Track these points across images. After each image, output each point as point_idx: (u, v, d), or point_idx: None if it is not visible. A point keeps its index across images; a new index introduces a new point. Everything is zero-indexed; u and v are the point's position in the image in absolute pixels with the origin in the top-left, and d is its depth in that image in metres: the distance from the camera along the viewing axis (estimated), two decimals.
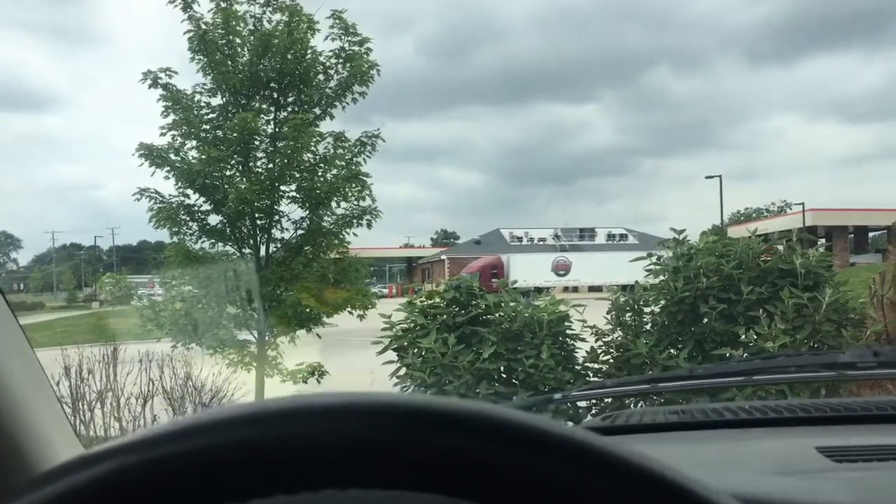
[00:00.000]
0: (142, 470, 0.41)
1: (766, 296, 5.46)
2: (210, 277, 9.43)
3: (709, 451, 1.26)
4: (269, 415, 0.41)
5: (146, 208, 9.40)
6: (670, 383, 1.79)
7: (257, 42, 9.40)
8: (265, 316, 9.24)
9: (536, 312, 5.79)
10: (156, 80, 9.34)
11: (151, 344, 8.23)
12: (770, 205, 77.72)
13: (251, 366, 9.07)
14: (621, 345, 5.81)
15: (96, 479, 0.41)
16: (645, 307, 6.01)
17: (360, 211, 9.79)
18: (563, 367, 5.65)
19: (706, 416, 1.52)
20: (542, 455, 0.40)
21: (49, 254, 69.96)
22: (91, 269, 62.40)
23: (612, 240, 57.66)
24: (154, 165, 9.19)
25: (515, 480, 0.39)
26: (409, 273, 63.42)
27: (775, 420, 1.44)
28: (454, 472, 0.40)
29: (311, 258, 9.93)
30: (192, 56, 9.47)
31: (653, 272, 6.08)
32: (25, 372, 0.95)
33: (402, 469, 0.40)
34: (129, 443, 0.42)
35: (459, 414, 0.41)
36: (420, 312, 6.01)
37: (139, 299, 9.84)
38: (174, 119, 9.34)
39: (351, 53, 9.69)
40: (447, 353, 5.54)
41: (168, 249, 9.92)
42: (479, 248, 52.58)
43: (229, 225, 9.64)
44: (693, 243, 6.15)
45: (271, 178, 9.46)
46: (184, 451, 0.41)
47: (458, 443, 0.40)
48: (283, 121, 9.63)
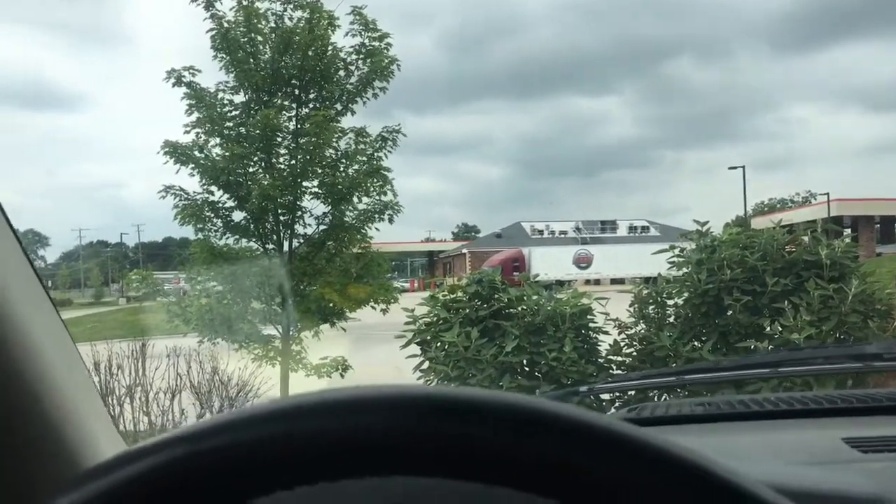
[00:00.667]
0: (193, 461, 0.42)
1: (791, 287, 5.42)
2: (234, 273, 9.51)
3: (736, 443, 1.27)
4: (333, 405, 0.43)
5: (171, 205, 9.50)
6: (696, 375, 1.80)
7: (279, 39, 9.45)
8: (289, 311, 9.30)
9: (559, 306, 5.79)
10: (179, 79, 9.43)
11: (178, 339, 8.32)
12: (794, 195, 76.99)
13: (276, 360, 9.14)
14: (644, 337, 5.80)
15: (155, 467, 0.42)
16: (668, 300, 5.99)
17: (382, 206, 9.83)
18: (586, 360, 5.66)
19: (732, 408, 1.53)
20: (601, 451, 0.41)
21: (76, 251, 70.74)
22: (117, 266, 63.05)
23: (634, 232, 57.25)
24: (179, 163, 9.28)
25: (588, 481, 0.41)
26: (430, 267, 63.42)
27: (802, 411, 1.45)
28: (497, 463, 0.41)
29: (334, 253, 9.98)
30: (215, 54, 9.54)
31: (676, 264, 6.06)
32: (69, 368, 0.97)
33: (448, 460, 0.42)
34: (182, 434, 0.44)
35: (502, 405, 0.42)
36: (443, 306, 6.04)
37: (165, 295, 9.95)
38: (198, 117, 9.43)
39: (371, 49, 9.71)
40: (470, 347, 5.57)
41: (193, 246, 10.02)
42: (501, 242, 52.43)
43: (253, 221, 9.71)
44: (716, 235, 6.12)
45: (294, 174, 9.53)
46: (233, 443, 0.42)
47: (502, 435, 0.41)
48: (304, 117, 9.68)
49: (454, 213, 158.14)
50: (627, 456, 0.41)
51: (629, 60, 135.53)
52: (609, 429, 0.41)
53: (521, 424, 0.41)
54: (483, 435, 0.41)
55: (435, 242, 68.88)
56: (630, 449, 0.41)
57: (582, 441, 0.41)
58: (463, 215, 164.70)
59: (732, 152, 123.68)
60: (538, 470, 0.41)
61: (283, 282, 9.22)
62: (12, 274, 0.85)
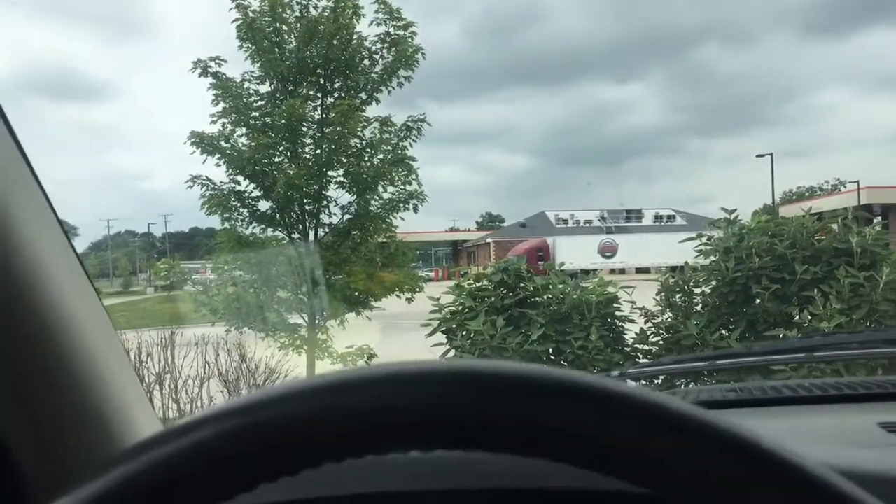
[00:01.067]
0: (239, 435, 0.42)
1: (821, 275, 5.36)
2: (261, 262, 9.59)
3: (770, 427, 1.26)
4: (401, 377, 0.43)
5: (198, 195, 9.58)
6: (728, 360, 1.78)
7: (304, 29, 9.47)
8: (315, 300, 9.36)
9: (585, 294, 5.77)
10: (205, 69, 9.49)
11: (206, 328, 8.41)
12: (823, 183, 75.74)
13: (302, 349, 9.22)
14: (671, 326, 5.77)
15: (202, 441, 0.42)
16: (695, 288, 5.95)
17: (407, 195, 9.84)
18: (612, 348, 5.64)
19: (764, 394, 1.52)
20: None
21: (105, 241, 71.53)
22: (145, 256, 63.71)
23: (660, 221, 56.83)
24: (205, 153, 9.35)
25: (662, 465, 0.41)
26: (454, 257, 63.45)
27: (835, 397, 1.44)
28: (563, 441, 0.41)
29: (359, 242, 10.02)
30: (241, 44, 9.59)
31: (703, 253, 6.01)
32: (110, 351, 0.99)
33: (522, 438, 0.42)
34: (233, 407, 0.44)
35: (575, 384, 0.42)
36: (468, 295, 6.05)
37: (193, 284, 10.05)
38: (224, 107, 9.48)
39: (396, 38, 9.70)
40: (496, 336, 5.57)
41: (219, 235, 10.10)
42: (525, 231, 52.30)
43: (279, 210, 9.77)
44: (745, 223, 6.06)
45: (319, 163, 9.56)
46: (287, 415, 0.42)
47: (570, 412, 0.41)
48: (329, 107, 9.70)
49: (478, 203, 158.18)
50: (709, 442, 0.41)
51: (655, 47, 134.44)
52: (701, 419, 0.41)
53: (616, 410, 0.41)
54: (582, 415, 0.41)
55: (459, 232, 68.87)
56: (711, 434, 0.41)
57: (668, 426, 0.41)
58: (487, 205, 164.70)
59: (760, 139, 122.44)
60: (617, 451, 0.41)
61: (309, 271, 9.27)
62: (57, 259, 0.87)
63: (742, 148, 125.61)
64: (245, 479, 0.43)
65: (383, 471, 0.81)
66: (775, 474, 0.40)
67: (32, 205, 0.85)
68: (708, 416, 0.41)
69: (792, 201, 55.57)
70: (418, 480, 0.81)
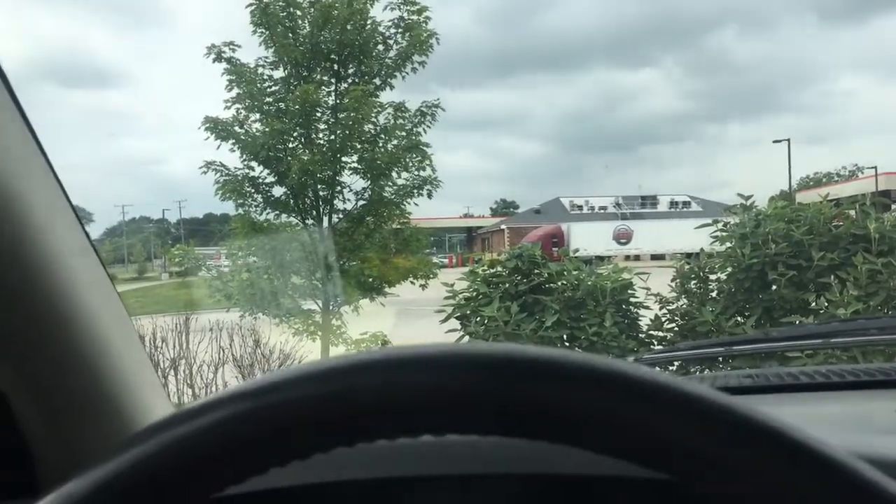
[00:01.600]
0: (255, 415, 0.42)
1: (838, 262, 5.32)
2: (275, 248, 9.62)
3: (787, 413, 1.25)
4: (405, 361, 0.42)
5: (212, 181, 9.62)
6: (745, 346, 1.77)
7: (317, 14, 9.45)
8: (329, 286, 9.39)
9: (599, 280, 5.76)
10: (220, 55, 9.50)
11: (221, 313, 8.45)
12: (841, 169, 74.98)
13: (316, 335, 9.25)
14: (686, 312, 5.74)
15: (219, 421, 0.42)
16: (711, 274, 5.92)
17: (421, 181, 9.84)
18: (627, 335, 5.62)
19: (781, 380, 1.51)
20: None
21: (119, 227, 71.93)
22: (160, 242, 64.06)
23: (675, 207, 56.54)
24: (219, 139, 9.38)
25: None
26: (468, 243, 63.44)
27: (852, 383, 1.42)
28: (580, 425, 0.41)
29: (373, 228, 10.03)
30: (254, 29, 9.59)
31: (719, 239, 5.97)
32: (124, 336, 1.00)
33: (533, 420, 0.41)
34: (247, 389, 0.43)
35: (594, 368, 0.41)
36: (483, 281, 6.04)
37: (207, 270, 10.10)
38: (238, 93, 9.50)
39: (410, 23, 9.67)
40: (510, 322, 5.56)
41: (234, 221, 10.14)
42: (539, 218, 52.20)
43: (293, 196, 9.79)
44: (761, 209, 6.01)
45: (333, 149, 9.56)
46: (298, 398, 0.42)
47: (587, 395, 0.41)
48: (343, 92, 9.69)
49: (493, 189, 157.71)
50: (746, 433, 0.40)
51: (671, 32, 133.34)
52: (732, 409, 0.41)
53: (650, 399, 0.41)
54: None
55: (473, 218, 68.84)
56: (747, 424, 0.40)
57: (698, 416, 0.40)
58: (502, 191, 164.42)
59: (776, 125, 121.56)
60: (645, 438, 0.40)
61: (323, 257, 9.29)
62: (71, 245, 0.87)
63: (758, 134, 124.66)
64: (257, 463, 0.43)
65: (390, 455, 0.81)
66: (795, 458, 0.39)
67: (46, 191, 0.85)
68: (730, 402, 0.41)
69: (809, 187, 55.15)
70: (425, 465, 0.80)
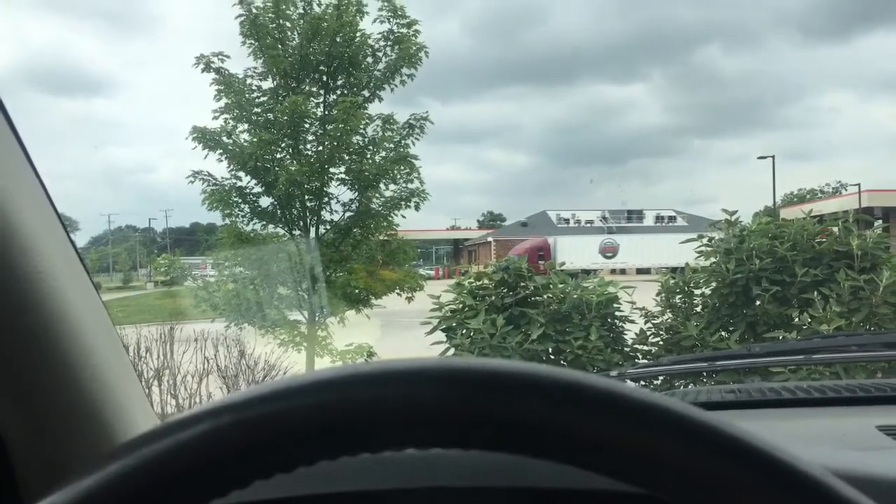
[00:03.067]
0: (233, 430, 0.42)
1: (821, 278, 5.36)
2: (261, 259, 9.60)
3: (768, 429, 1.26)
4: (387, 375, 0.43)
5: (199, 190, 9.59)
6: (727, 361, 1.78)
7: (307, 26, 9.48)
8: (315, 297, 9.37)
9: (585, 294, 5.77)
10: (208, 65, 9.49)
11: (206, 324, 8.41)
12: (824, 185, 75.60)
13: (301, 346, 9.22)
14: (671, 327, 5.77)
15: (203, 433, 0.42)
16: (695, 289, 5.94)
17: (409, 193, 9.84)
18: (612, 348, 5.64)
19: (763, 396, 1.52)
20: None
21: (105, 235, 71.51)
22: (145, 251, 63.71)
23: (661, 222, 56.84)
24: (207, 148, 9.36)
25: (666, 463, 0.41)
26: (455, 255, 63.45)
27: (834, 399, 1.44)
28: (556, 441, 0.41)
29: (360, 240, 10.02)
30: (244, 40, 9.60)
31: (704, 254, 6.01)
32: (108, 346, 0.99)
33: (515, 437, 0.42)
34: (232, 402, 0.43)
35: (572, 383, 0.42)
36: (469, 293, 6.04)
37: (193, 280, 10.06)
38: (226, 103, 9.49)
39: (399, 36, 9.71)
40: (496, 334, 5.57)
41: (220, 231, 10.12)
42: (526, 230, 52.30)
43: (280, 207, 9.77)
44: (745, 225, 6.06)
45: (321, 160, 9.55)
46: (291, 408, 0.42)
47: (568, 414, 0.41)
48: (332, 104, 9.70)
49: (480, 201, 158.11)
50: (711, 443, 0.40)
51: (658, 47, 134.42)
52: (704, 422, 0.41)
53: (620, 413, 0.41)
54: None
55: (460, 230, 68.88)
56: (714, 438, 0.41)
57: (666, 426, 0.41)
58: (488, 203, 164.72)
59: (761, 141, 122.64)
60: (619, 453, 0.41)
61: (310, 268, 9.28)
62: (56, 254, 0.87)
63: (744, 149, 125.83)
64: (239, 476, 0.43)
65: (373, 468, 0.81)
66: (770, 475, 0.40)
67: (32, 199, 0.85)
68: (707, 418, 0.41)
69: (793, 203, 55.57)
70: (407, 478, 0.80)
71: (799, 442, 1.14)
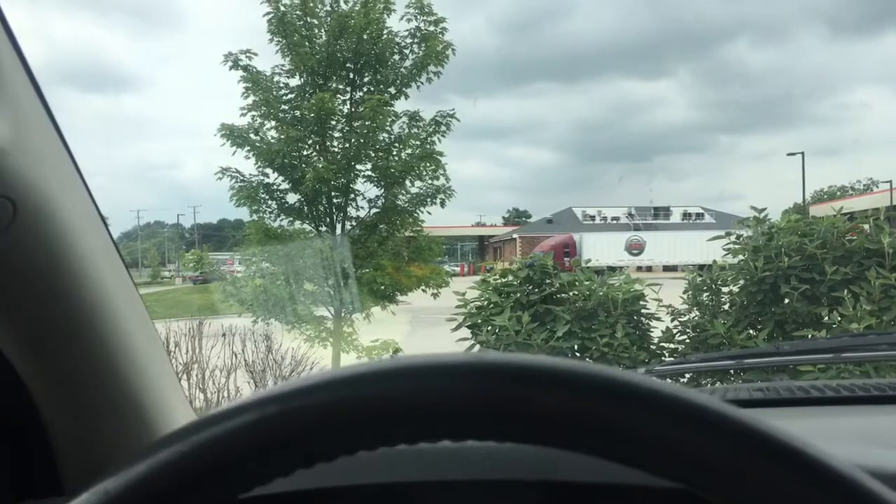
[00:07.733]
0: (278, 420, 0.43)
1: (852, 276, 5.29)
2: (288, 255, 9.66)
3: (797, 427, 1.26)
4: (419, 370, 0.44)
5: (227, 187, 9.68)
6: (755, 359, 1.77)
7: (334, 23, 9.52)
8: (341, 293, 9.42)
9: (611, 291, 5.74)
10: (236, 62, 9.58)
11: (234, 319, 8.49)
12: (855, 182, 74.39)
13: (327, 341, 9.28)
14: (698, 325, 5.72)
15: (245, 425, 0.43)
16: (723, 287, 5.89)
17: (434, 190, 9.86)
18: (638, 346, 5.61)
19: (792, 394, 1.51)
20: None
21: (135, 231, 72.26)
22: (174, 247, 64.33)
23: (688, 219, 56.25)
24: (235, 145, 9.45)
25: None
26: (480, 252, 63.35)
27: (864, 398, 1.43)
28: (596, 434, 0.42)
29: (386, 236, 10.06)
30: (271, 38, 9.66)
31: (731, 251, 5.95)
32: (147, 341, 1.01)
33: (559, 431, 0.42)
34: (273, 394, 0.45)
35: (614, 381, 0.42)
36: (494, 290, 6.04)
37: (220, 276, 10.16)
38: (254, 100, 9.57)
39: (426, 33, 9.72)
40: (521, 331, 5.56)
41: (248, 227, 10.20)
42: (551, 227, 52.06)
43: (307, 203, 9.83)
44: (774, 222, 5.99)
45: (347, 157, 9.60)
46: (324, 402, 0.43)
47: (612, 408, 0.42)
48: (359, 101, 9.75)
49: (505, 198, 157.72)
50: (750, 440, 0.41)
51: (685, 43, 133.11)
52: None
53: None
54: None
55: (485, 227, 68.80)
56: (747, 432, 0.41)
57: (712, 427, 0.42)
58: (514, 200, 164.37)
59: (790, 138, 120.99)
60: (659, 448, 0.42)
61: (336, 264, 9.33)
62: (98, 251, 0.89)
63: (772, 146, 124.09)
64: (284, 464, 0.44)
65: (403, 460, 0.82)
66: (806, 473, 0.40)
67: (76, 195, 0.87)
68: (739, 414, 0.42)
69: (823, 200, 54.80)
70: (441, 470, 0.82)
71: (828, 440, 1.13)
